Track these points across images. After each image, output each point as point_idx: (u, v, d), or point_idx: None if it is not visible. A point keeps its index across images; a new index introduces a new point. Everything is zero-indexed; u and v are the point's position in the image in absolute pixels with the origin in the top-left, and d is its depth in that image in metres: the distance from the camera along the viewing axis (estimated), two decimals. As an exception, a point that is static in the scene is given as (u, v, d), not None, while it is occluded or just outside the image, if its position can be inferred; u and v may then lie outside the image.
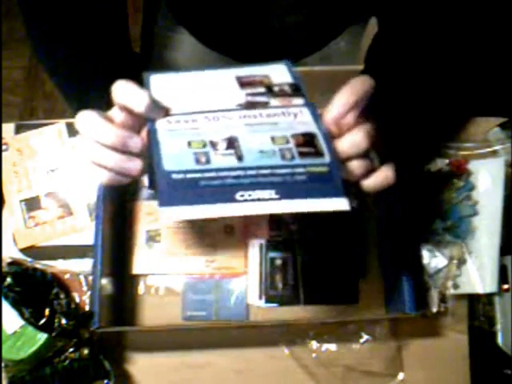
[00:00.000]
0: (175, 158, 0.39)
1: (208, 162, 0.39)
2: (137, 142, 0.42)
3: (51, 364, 0.61)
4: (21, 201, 0.70)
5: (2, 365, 0.61)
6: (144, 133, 0.44)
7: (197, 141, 0.40)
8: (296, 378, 0.65)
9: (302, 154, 0.40)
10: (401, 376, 0.65)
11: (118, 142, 0.42)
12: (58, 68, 0.55)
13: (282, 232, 0.68)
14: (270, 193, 0.38)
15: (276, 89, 0.46)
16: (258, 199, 0.38)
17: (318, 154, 0.40)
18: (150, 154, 0.41)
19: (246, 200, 0.38)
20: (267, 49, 0.74)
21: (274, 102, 0.44)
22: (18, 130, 0.73)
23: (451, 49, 0.56)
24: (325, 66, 0.67)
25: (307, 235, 0.68)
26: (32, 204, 0.70)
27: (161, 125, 0.42)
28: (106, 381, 0.61)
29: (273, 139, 0.41)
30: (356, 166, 0.43)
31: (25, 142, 0.73)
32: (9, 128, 0.73)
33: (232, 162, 0.39)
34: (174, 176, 0.38)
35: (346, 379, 0.65)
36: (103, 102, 0.49)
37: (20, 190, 0.71)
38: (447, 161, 0.71)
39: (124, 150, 0.42)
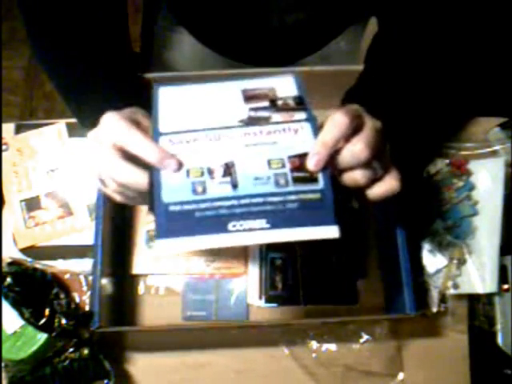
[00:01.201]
0: (174, 189, 0.41)
1: (204, 191, 0.40)
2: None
3: (51, 364, 0.61)
4: (21, 201, 0.70)
5: (2, 365, 0.61)
6: None
7: (195, 168, 0.41)
8: (296, 378, 0.65)
9: (296, 180, 0.41)
10: (401, 376, 0.65)
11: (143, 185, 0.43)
12: (58, 69, 0.55)
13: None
14: (260, 222, 0.39)
15: (280, 102, 0.46)
16: (250, 229, 0.39)
17: (312, 178, 0.41)
18: (150, 181, 0.42)
19: (237, 230, 0.39)
20: (267, 49, 0.74)
21: (275, 116, 0.45)
22: (18, 129, 0.74)
23: (451, 48, 0.56)
24: (325, 66, 0.67)
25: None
26: (32, 204, 0.70)
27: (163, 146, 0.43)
28: (106, 381, 0.61)
29: (269, 163, 0.41)
30: (358, 176, 0.43)
31: (25, 142, 0.73)
32: (9, 128, 0.73)
33: (227, 190, 0.40)
34: (172, 208, 0.40)
35: (346, 379, 0.65)
36: (102, 103, 0.49)
37: (20, 190, 0.71)
38: (447, 161, 0.71)
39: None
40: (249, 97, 0.47)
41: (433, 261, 0.67)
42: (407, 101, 0.54)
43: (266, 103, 0.46)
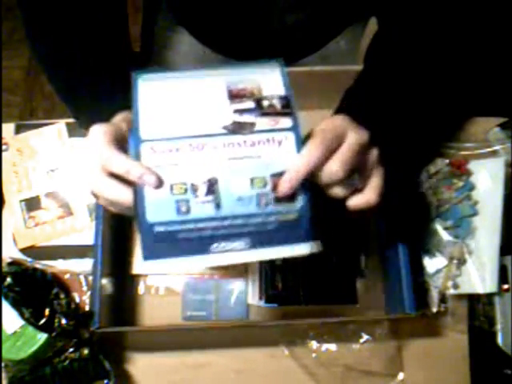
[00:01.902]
0: (158, 207, 0.41)
1: (188, 211, 0.41)
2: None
3: (51, 364, 0.61)
4: (21, 201, 0.70)
5: (2, 365, 0.61)
6: None
7: (179, 184, 0.42)
8: (296, 378, 0.65)
9: (276, 200, 0.42)
10: (401, 376, 0.65)
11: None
12: (58, 70, 0.55)
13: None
14: (241, 243, 0.42)
15: (265, 103, 0.45)
16: (231, 250, 0.41)
17: (292, 198, 0.43)
18: (135, 198, 0.42)
19: (219, 251, 0.41)
20: (267, 49, 0.74)
21: (260, 122, 0.44)
22: (18, 129, 0.74)
23: (451, 48, 0.56)
24: (325, 66, 0.67)
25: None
26: (32, 204, 0.70)
27: (145, 158, 0.42)
28: (105, 381, 0.61)
29: (252, 181, 0.42)
30: (337, 191, 0.45)
31: (25, 142, 0.73)
32: (9, 128, 0.73)
33: (210, 210, 0.42)
34: (157, 229, 0.41)
35: (346, 379, 0.65)
36: (95, 108, 0.49)
37: (20, 190, 0.71)
38: (447, 161, 0.71)
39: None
40: (234, 95, 0.46)
41: (433, 261, 0.67)
42: (406, 101, 0.54)
43: (251, 103, 0.45)
